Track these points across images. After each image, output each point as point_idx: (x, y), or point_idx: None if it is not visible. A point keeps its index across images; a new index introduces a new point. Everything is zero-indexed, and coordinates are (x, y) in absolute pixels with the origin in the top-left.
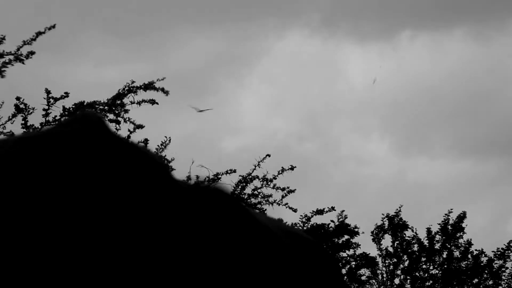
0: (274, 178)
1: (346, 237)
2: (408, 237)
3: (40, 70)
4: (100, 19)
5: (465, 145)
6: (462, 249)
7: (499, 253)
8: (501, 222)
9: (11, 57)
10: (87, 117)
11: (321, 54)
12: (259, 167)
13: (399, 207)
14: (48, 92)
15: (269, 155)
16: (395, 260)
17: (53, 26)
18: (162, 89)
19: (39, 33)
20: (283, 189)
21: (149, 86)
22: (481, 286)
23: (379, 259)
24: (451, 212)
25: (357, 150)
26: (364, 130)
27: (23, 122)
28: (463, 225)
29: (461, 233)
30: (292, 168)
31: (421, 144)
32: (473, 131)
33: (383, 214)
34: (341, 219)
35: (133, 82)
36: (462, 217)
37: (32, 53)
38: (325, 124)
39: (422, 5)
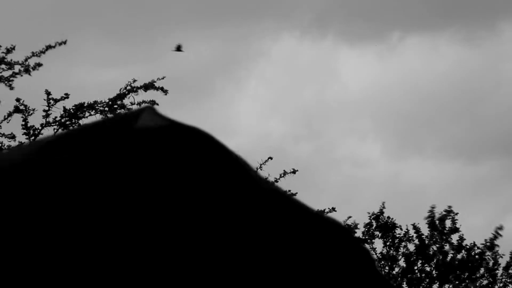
0: (276, 181)
1: None
2: (398, 234)
3: (40, 71)
4: (99, 21)
5: (460, 146)
6: (455, 244)
7: (488, 244)
8: (496, 221)
9: (20, 67)
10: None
11: (316, 56)
12: (260, 169)
13: (382, 204)
14: (48, 93)
15: (271, 158)
16: (389, 262)
17: (64, 42)
18: (162, 88)
19: (49, 47)
20: None
21: (149, 86)
22: (477, 283)
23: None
24: (434, 208)
25: (351, 151)
26: (358, 131)
27: (23, 123)
28: (454, 221)
29: (448, 229)
30: (294, 172)
31: (415, 145)
32: (466, 131)
33: (369, 213)
34: (349, 226)
35: (134, 81)
36: (448, 211)
37: (39, 64)
38: (320, 126)
39: (413, 7)
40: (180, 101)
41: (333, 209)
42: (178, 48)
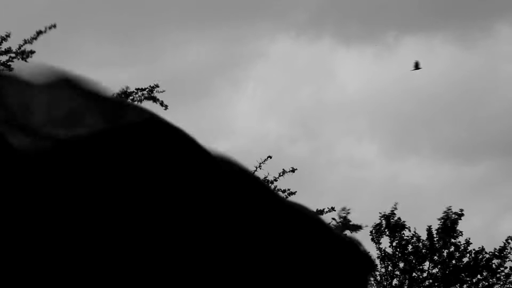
0: (275, 180)
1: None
2: (407, 236)
3: None
4: (99, 21)
5: (457, 146)
6: (461, 248)
7: (497, 252)
8: (494, 221)
9: (14, 54)
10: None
11: (313, 57)
12: (260, 168)
13: (395, 205)
14: None
15: (270, 157)
16: (394, 261)
17: (54, 26)
18: (161, 103)
19: (40, 32)
20: (284, 191)
21: (148, 97)
22: (480, 285)
23: (377, 261)
24: (450, 209)
25: (349, 152)
26: (355, 132)
27: None
28: (459, 225)
29: (458, 232)
30: (293, 170)
31: (412, 146)
32: (464, 132)
33: (380, 213)
34: (343, 215)
35: (127, 87)
36: (460, 214)
37: (32, 52)
38: (317, 126)
39: (408, 8)
40: (179, 101)
41: (332, 209)
42: (416, 66)
